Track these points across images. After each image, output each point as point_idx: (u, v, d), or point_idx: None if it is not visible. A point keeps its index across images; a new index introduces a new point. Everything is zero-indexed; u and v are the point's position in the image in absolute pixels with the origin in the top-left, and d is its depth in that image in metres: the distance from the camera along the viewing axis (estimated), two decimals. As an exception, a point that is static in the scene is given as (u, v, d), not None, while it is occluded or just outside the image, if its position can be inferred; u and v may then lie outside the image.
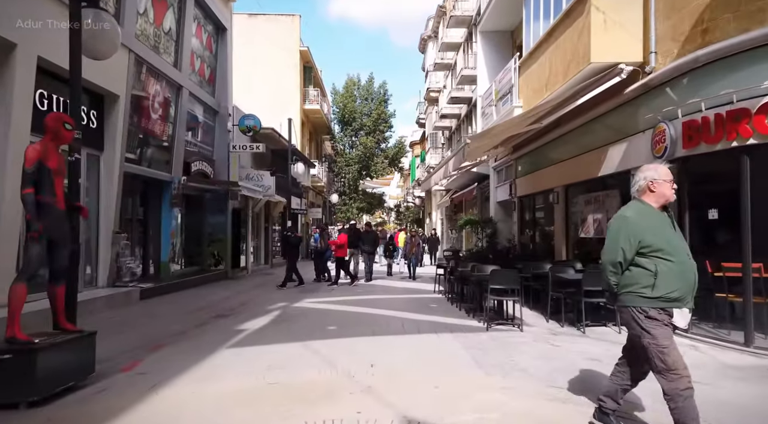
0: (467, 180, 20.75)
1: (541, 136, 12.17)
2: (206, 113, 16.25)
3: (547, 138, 11.87)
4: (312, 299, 11.42)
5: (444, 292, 12.34)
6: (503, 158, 16.05)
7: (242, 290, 13.44)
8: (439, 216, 33.19)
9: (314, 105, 31.66)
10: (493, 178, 17.36)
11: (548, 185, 12.05)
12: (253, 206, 19.86)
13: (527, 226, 14.50)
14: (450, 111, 24.64)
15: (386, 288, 13.82)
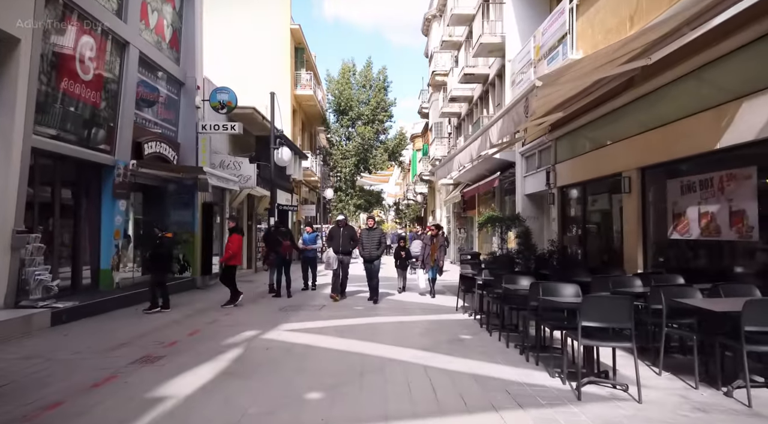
0: (483, 170, 17.67)
1: (597, 106, 9.12)
2: (168, 84, 13.11)
3: (610, 106, 8.80)
4: (293, 325, 8.31)
5: (472, 311, 9.27)
6: (535, 140, 12.98)
7: (204, 308, 10.31)
8: (445, 214, 30.11)
9: (307, 90, 28.51)
10: (521, 166, 14.29)
11: (610, 169, 8.99)
12: (232, 200, 16.74)
13: (572, 224, 11.42)
14: (461, 93, 21.56)
15: (394, 305, 10.73)
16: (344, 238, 10.81)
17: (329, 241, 11.03)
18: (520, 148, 14.30)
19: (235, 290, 10.46)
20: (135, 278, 12.03)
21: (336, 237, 10.88)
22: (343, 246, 10.80)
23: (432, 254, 10.91)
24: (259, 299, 11.79)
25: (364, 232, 11.01)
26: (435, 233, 11.06)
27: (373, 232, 10.86)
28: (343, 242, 10.79)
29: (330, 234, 11.21)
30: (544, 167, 12.52)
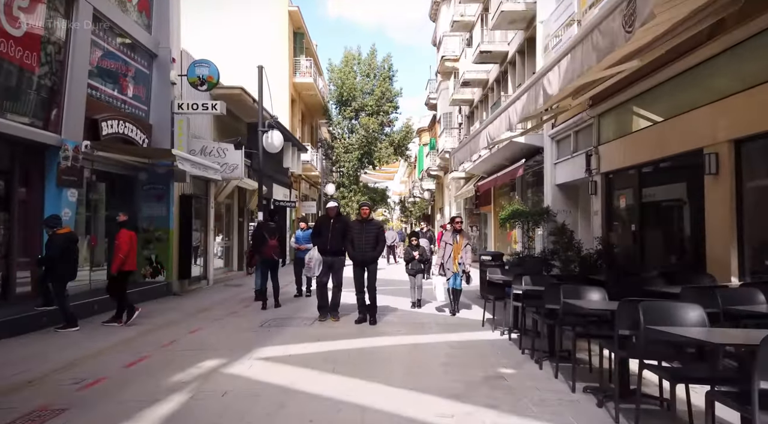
0: (502, 159, 15.62)
1: (663, 66, 7.08)
2: (137, 55, 11.13)
3: (684, 63, 6.75)
4: (271, 349, 6.31)
5: (504, 329, 7.24)
6: (570, 119, 10.92)
7: (171, 321, 8.31)
8: (455, 211, 28.04)
9: (306, 78, 26.52)
10: (551, 152, 12.23)
11: (684, 146, 6.93)
12: (217, 193, 14.76)
13: (622, 218, 9.36)
14: (475, 75, 19.50)
15: (404, 318, 8.72)
16: (335, 232, 7.97)
17: (315, 236, 8.32)
18: (549, 130, 12.24)
19: (124, 304, 8.02)
20: (93, 283, 10.05)
21: (324, 231, 8.06)
22: (332, 244, 7.97)
23: (455, 255, 8.09)
24: (241, 308, 9.80)
25: (354, 225, 8.05)
26: (460, 227, 8.31)
27: (369, 225, 7.98)
28: (333, 239, 7.97)
29: (316, 227, 8.42)
30: (582, 151, 10.46)
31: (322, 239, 8.12)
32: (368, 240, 7.87)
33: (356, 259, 7.97)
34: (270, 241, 9.89)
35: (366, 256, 7.89)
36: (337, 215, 8.20)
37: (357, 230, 7.95)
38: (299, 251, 11.12)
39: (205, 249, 14.22)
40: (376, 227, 8.09)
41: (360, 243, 7.86)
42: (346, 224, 8.15)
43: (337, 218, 8.21)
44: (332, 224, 8.06)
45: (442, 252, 8.49)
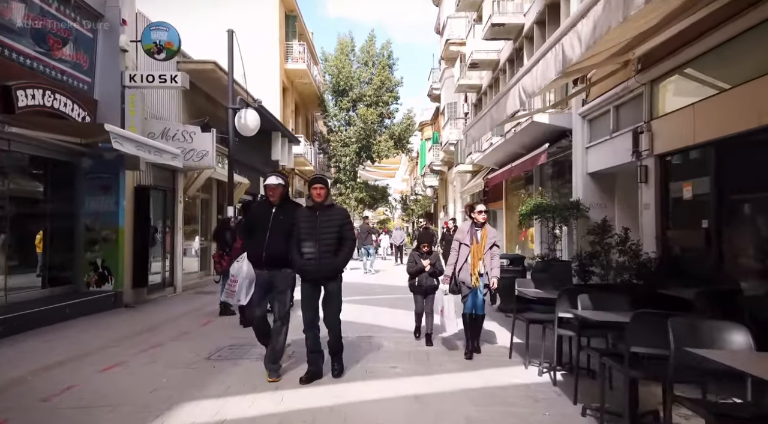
0: (518, 147, 13.51)
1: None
2: (75, 13, 9.05)
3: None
4: (200, 406, 4.21)
5: (541, 364, 5.15)
6: (609, 91, 8.81)
7: (92, 348, 6.21)
8: (460, 208, 25.94)
9: (299, 64, 24.44)
10: (581, 134, 10.11)
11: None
12: (187, 185, 12.68)
13: (689, 212, 7.22)
14: (484, 56, 17.38)
15: (404, 346, 6.63)
16: (278, 229, 4.90)
17: (246, 233, 5.27)
18: (579, 108, 10.13)
19: None
20: (10, 299, 7.99)
21: (260, 227, 4.96)
22: (272, 247, 4.86)
23: (474, 262, 5.45)
24: (198, 327, 7.72)
25: (303, 214, 4.93)
26: (484, 220, 5.55)
27: (326, 215, 4.89)
28: (274, 240, 4.87)
29: (247, 220, 5.52)
30: (625, 129, 8.35)
31: (254, 240, 4.96)
32: (325, 239, 4.80)
33: (306, 271, 4.84)
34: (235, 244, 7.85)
35: (322, 267, 4.78)
36: (284, 199, 5.01)
37: (307, 224, 4.82)
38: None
39: (172, 251, 12.14)
40: (339, 218, 4.92)
41: (312, 245, 4.77)
42: (294, 214, 4.95)
43: (284, 204, 4.98)
44: (274, 214, 4.90)
45: (454, 258, 5.70)
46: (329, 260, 4.82)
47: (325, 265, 4.80)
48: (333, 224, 4.87)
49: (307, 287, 4.95)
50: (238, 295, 4.97)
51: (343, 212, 5.13)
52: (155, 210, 11.20)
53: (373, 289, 12.87)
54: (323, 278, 4.88)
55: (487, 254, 5.60)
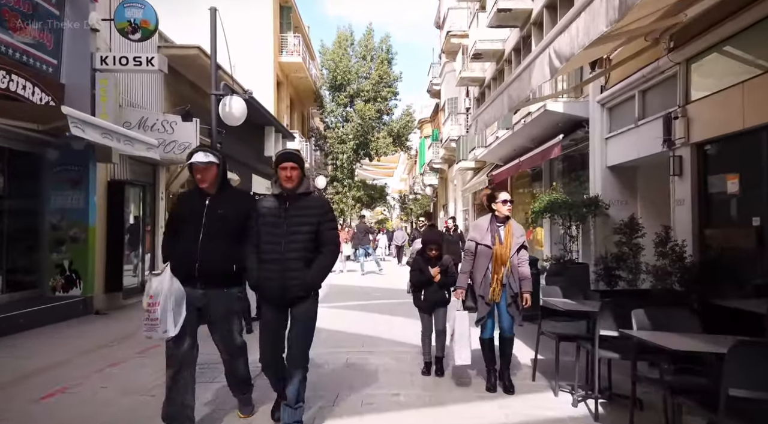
0: (526, 140, 12.58)
1: None
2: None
3: None
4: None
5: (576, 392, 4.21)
6: (633, 74, 7.89)
7: (39, 368, 5.26)
8: (462, 207, 25.04)
9: (294, 57, 23.50)
10: (600, 123, 9.18)
11: None
12: (170, 180, 11.73)
13: (733, 209, 6.29)
14: (489, 45, 16.44)
15: (407, 364, 5.70)
16: (214, 224, 3.49)
17: (169, 235, 3.72)
18: (597, 95, 9.21)
19: None
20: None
21: (189, 224, 3.52)
22: (206, 255, 3.44)
23: (496, 269, 4.24)
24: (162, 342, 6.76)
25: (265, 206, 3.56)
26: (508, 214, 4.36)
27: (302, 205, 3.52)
28: (208, 243, 3.46)
29: (172, 215, 3.78)
30: (655, 116, 7.43)
31: (181, 245, 3.52)
32: (296, 242, 3.44)
33: (266, 288, 3.51)
34: None
35: (289, 281, 3.42)
36: (222, 186, 3.62)
37: (270, 220, 3.49)
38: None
39: (152, 252, 11.18)
40: (317, 212, 3.53)
41: (277, 250, 3.43)
42: (245, 207, 3.62)
43: (224, 194, 3.60)
44: (208, 207, 3.51)
45: (468, 264, 4.40)
46: (299, 273, 3.39)
47: (294, 278, 3.38)
48: (308, 220, 3.45)
49: (268, 310, 3.56)
50: (163, 324, 3.34)
51: (323, 204, 3.64)
52: (132, 207, 10.25)
53: (370, 293, 11.95)
54: (291, 297, 3.43)
55: (514, 259, 4.29)
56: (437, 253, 5.02)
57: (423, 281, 5.02)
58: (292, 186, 3.46)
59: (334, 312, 9.13)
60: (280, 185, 3.49)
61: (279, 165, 3.50)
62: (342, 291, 12.23)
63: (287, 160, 3.48)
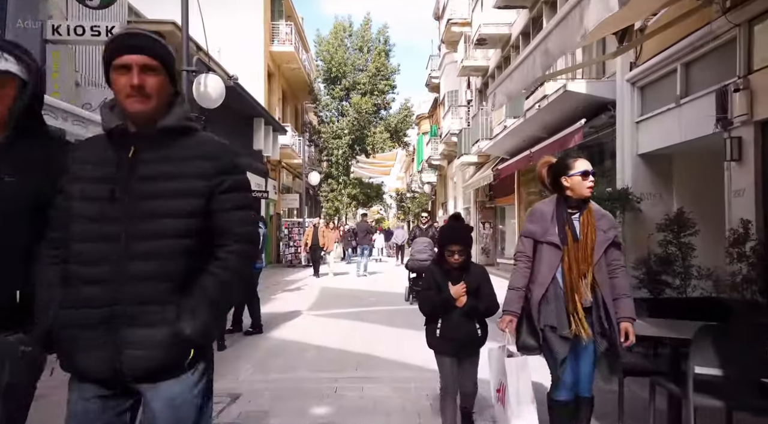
0: (538, 129, 11.42)
1: None
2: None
3: None
4: None
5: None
6: (673, 45, 6.72)
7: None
8: (462, 205, 23.87)
9: (286, 46, 22.26)
10: (630, 105, 8.01)
11: None
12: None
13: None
14: (494, 30, 15.26)
15: (406, 407, 4.49)
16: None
17: None
18: (626, 73, 8.03)
19: None
20: None
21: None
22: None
23: (571, 280, 2.67)
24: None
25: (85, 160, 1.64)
26: (589, 192, 2.74)
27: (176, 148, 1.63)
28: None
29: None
30: (702, 92, 6.27)
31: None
32: (149, 235, 1.55)
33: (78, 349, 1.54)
34: None
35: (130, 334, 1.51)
36: (25, 123, 1.77)
37: (95, 187, 1.58)
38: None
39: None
40: (207, 165, 1.62)
41: (104, 254, 1.53)
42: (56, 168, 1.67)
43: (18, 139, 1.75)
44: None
45: (521, 275, 2.84)
46: (159, 310, 1.53)
47: (145, 324, 1.53)
48: (182, 186, 1.60)
49: (88, 389, 1.57)
50: None
51: (218, 152, 1.68)
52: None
53: (366, 298, 10.76)
54: (137, 371, 1.52)
55: (601, 265, 2.73)
56: (462, 260, 3.14)
57: (440, 306, 3.14)
58: (142, 109, 1.59)
59: (322, 322, 7.95)
60: (118, 110, 1.64)
61: (114, 61, 1.58)
62: (333, 296, 11.05)
63: (134, 49, 1.57)
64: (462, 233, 3.22)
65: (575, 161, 2.82)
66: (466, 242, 3.18)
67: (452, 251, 3.12)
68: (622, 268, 2.84)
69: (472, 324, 3.15)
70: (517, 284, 2.85)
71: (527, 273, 2.83)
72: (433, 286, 3.20)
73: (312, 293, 11.47)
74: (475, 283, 3.14)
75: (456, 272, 3.15)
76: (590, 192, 2.77)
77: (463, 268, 3.16)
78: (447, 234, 3.27)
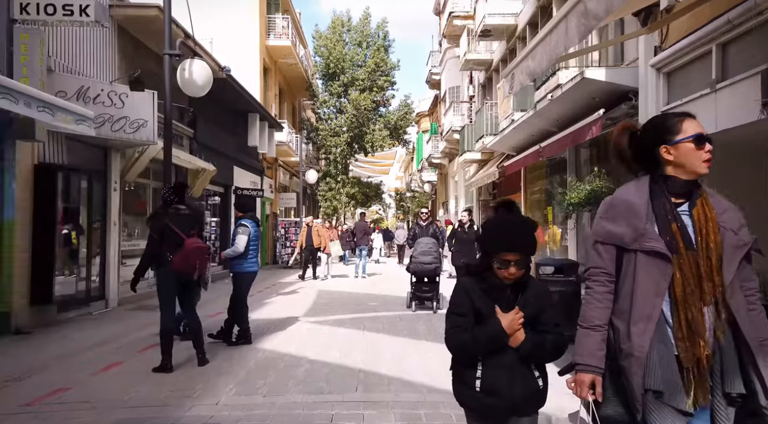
0: (549, 123, 10.73)
1: None
2: None
3: None
4: None
5: None
6: (709, 23, 6.05)
7: None
8: (464, 204, 23.18)
9: (283, 40, 21.57)
10: (656, 92, 7.32)
11: None
12: (126, 168, 9.79)
13: None
14: (500, 20, 14.56)
15: None
16: None
17: None
18: (650, 58, 7.35)
19: None
20: None
21: None
22: None
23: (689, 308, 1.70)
24: (98, 369, 4.84)
25: None
26: (702, 173, 1.84)
27: None
28: None
29: None
30: (746, 74, 5.59)
31: None
32: None
33: None
34: (187, 241, 5.00)
35: None
36: None
37: None
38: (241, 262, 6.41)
39: (102, 254, 9.26)
40: None
41: None
42: None
43: None
44: None
45: (601, 303, 1.86)
46: None
47: None
48: None
49: None
50: None
51: None
52: (73, 199, 8.35)
53: (365, 302, 10.08)
54: None
55: (734, 287, 1.76)
56: (522, 273, 2.03)
57: (483, 346, 2.00)
58: None
59: (319, 330, 7.25)
60: None
61: None
62: (330, 300, 10.36)
63: None
64: (525, 235, 2.02)
65: (683, 121, 1.88)
66: (531, 247, 2.03)
67: (507, 261, 1.97)
68: (757, 294, 1.84)
69: (529, 372, 2.02)
70: (594, 319, 1.86)
71: (609, 302, 1.86)
72: (469, 311, 2.03)
73: (308, 297, 10.77)
74: (536, 307, 2.03)
75: (506, 291, 2.04)
76: (708, 169, 1.86)
77: (520, 286, 2.05)
78: (500, 234, 2.01)
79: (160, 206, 5.21)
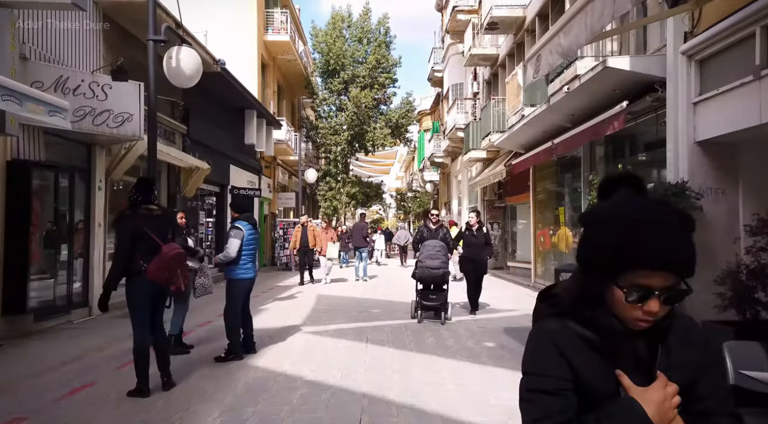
0: (562, 117, 10.09)
1: None
2: None
3: None
4: None
5: None
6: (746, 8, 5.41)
7: None
8: (468, 204, 22.53)
9: (282, 35, 20.92)
10: (687, 82, 6.67)
11: None
12: (112, 165, 9.16)
13: None
14: (507, 12, 13.89)
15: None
16: None
17: None
18: (679, 44, 6.71)
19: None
20: None
21: None
22: None
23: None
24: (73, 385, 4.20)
25: None
26: None
27: None
28: None
29: None
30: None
31: None
32: None
33: None
34: (164, 247, 4.36)
35: None
36: None
37: None
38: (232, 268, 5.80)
39: (86, 258, 8.63)
40: None
41: None
42: None
43: None
44: None
45: None
46: None
47: None
48: None
49: None
50: None
51: None
52: (54, 199, 7.73)
53: (368, 309, 9.45)
54: None
55: None
56: (665, 310, 1.06)
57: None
58: None
59: (318, 343, 6.62)
60: None
61: None
62: (330, 306, 9.74)
63: None
64: (683, 238, 1.04)
65: None
66: (692, 262, 1.04)
67: (647, 288, 1.03)
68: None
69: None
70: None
71: None
72: (567, 384, 1.10)
73: (307, 303, 10.14)
74: (690, 369, 1.13)
75: (637, 344, 1.11)
76: None
77: (658, 331, 1.10)
78: (635, 237, 1.02)
79: (127, 207, 4.56)
